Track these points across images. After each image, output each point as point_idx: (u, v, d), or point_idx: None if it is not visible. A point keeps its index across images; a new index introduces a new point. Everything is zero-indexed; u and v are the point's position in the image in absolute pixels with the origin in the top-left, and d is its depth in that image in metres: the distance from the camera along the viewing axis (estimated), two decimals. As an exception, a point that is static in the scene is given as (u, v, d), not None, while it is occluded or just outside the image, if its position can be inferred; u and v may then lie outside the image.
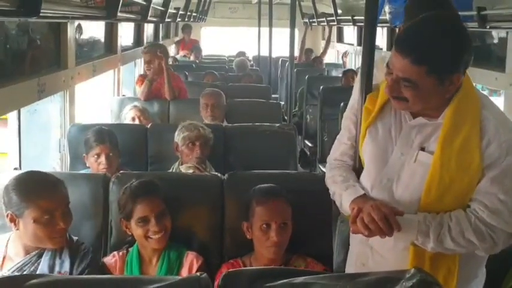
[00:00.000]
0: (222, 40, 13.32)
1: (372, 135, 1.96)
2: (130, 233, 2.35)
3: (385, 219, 1.73)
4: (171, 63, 7.40)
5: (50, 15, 2.62)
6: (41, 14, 2.03)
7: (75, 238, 2.27)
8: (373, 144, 1.95)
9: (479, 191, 1.75)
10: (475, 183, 1.75)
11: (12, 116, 3.13)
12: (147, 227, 2.28)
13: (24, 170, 3.01)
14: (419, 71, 1.68)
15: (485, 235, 1.73)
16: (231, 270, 1.37)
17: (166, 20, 5.64)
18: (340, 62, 10.15)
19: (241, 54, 9.72)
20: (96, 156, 3.14)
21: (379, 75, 2.07)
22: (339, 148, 2.16)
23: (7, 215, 2.10)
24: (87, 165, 3.22)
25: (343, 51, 9.77)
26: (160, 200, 2.34)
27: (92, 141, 3.15)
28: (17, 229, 2.11)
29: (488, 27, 3.40)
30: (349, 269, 2.12)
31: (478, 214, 1.74)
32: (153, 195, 2.33)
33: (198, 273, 1.31)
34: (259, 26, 8.96)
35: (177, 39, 10.65)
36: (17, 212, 2.08)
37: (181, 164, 3.30)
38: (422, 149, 1.82)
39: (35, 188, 2.11)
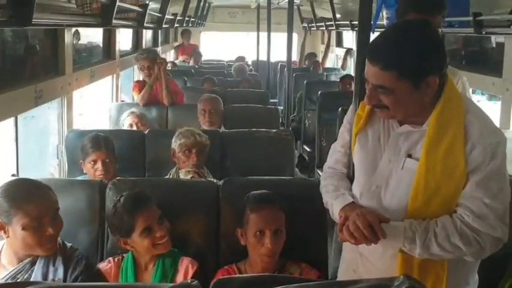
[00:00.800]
0: (222, 45, 13.35)
1: (361, 142, 1.97)
2: (130, 249, 2.33)
3: (370, 227, 1.74)
4: (170, 68, 7.43)
5: (45, 23, 2.62)
6: (36, 22, 2.03)
7: (68, 245, 2.25)
8: (362, 151, 1.96)
9: (465, 195, 1.75)
10: (460, 188, 1.75)
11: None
12: (153, 235, 2.27)
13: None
14: (390, 76, 1.70)
15: (471, 240, 1.73)
16: (222, 277, 1.37)
17: (164, 26, 5.65)
18: (339, 66, 10.16)
19: (241, 59, 9.74)
20: (92, 162, 3.15)
21: None
22: (333, 156, 2.18)
23: None
24: (84, 171, 3.23)
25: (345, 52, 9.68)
26: (155, 206, 2.35)
27: (88, 148, 3.16)
28: (7, 236, 2.09)
29: (484, 32, 3.41)
30: (341, 275, 2.14)
31: (463, 219, 1.74)
32: (149, 204, 2.33)
33: (188, 280, 1.31)
34: (257, 30, 8.98)
35: (176, 44, 10.65)
36: (5, 219, 2.07)
37: (179, 170, 3.31)
38: (409, 156, 1.83)
39: (23, 195, 2.09)
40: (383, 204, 1.86)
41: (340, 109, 4.31)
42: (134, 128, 4.17)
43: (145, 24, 4.44)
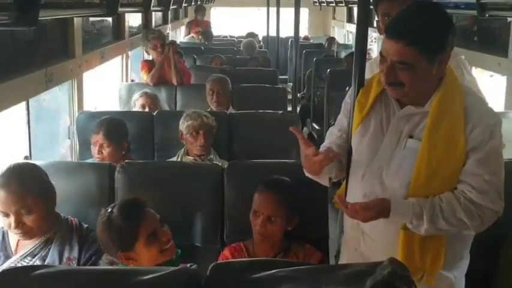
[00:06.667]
0: (233, 20, 13.25)
1: (365, 127, 2.04)
2: (133, 264, 2.07)
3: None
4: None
5: (52, 19, 2.62)
6: (43, 20, 2.06)
7: (85, 226, 2.35)
8: (365, 134, 2.04)
9: (466, 172, 1.85)
10: (460, 167, 1.85)
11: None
12: (159, 240, 2.09)
13: (34, 158, 3.13)
14: (413, 52, 1.78)
15: (474, 214, 1.83)
16: (219, 262, 1.43)
17: (171, 7, 5.59)
18: (350, 42, 10.09)
19: (251, 35, 9.67)
20: (94, 144, 3.17)
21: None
22: (329, 138, 2.25)
23: None
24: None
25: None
26: (153, 210, 2.16)
27: (92, 130, 3.20)
28: None
29: (487, 15, 3.41)
30: (343, 254, 2.24)
31: (466, 195, 1.84)
32: (147, 207, 2.14)
33: (188, 265, 1.38)
34: (267, 5, 8.89)
35: (186, 20, 10.56)
36: None
37: (187, 152, 3.38)
38: (411, 137, 1.92)
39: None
40: (384, 183, 1.95)
41: (347, 87, 4.33)
42: (146, 109, 4.13)
43: (152, 8, 4.41)
